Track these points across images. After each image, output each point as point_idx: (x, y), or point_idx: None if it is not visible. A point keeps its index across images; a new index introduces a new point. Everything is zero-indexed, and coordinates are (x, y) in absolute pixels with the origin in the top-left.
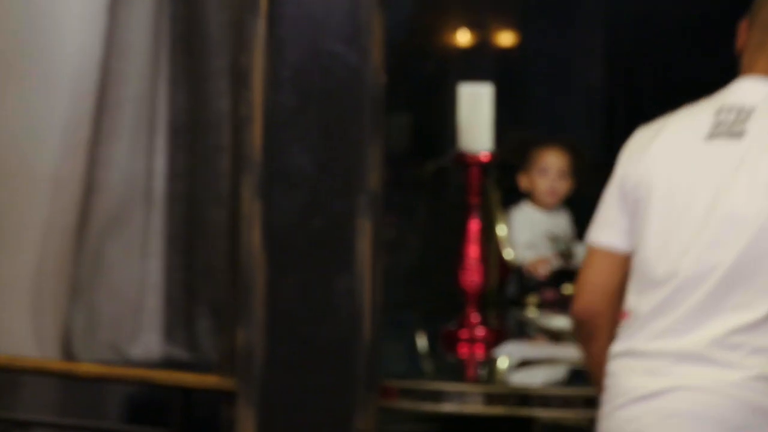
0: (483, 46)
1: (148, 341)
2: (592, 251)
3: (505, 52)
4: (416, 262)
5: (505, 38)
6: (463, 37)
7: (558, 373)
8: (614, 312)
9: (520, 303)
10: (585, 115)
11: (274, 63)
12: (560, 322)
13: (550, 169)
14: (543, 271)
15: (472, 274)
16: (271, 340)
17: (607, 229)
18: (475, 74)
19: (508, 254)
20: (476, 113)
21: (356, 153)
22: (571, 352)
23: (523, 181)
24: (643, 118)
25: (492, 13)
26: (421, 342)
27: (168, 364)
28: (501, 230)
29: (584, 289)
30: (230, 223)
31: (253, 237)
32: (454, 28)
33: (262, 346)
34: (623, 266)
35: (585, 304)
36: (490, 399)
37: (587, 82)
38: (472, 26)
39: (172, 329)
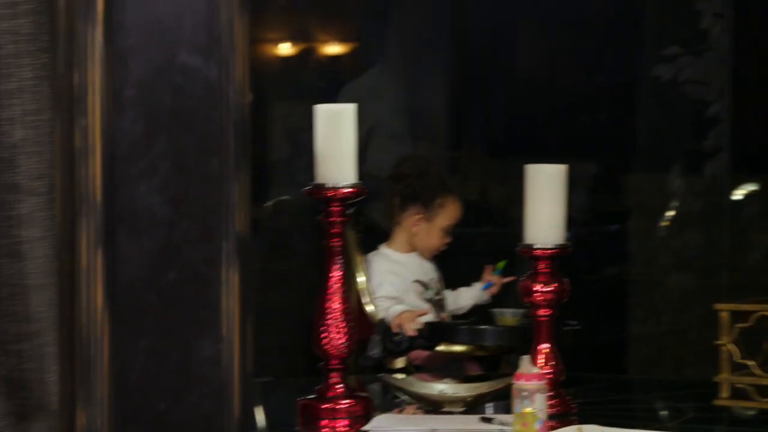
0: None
1: None
2: None
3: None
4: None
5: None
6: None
7: None
8: None
9: (384, 367)
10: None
11: (115, 81)
12: (438, 387)
13: (452, 223)
14: (412, 326)
15: (336, 333)
16: (118, 421)
17: None
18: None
19: (369, 308)
20: (336, 138)
21: (218, 189)
22: (452, 424)
23: (410, 221)
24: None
25: (321, 25)
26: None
27: None
28: (360, 279)
29: None
30: (64, 278)
31: (95, 294)
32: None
33: (108, 429)
34: None
35: None
36: None
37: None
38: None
39: None
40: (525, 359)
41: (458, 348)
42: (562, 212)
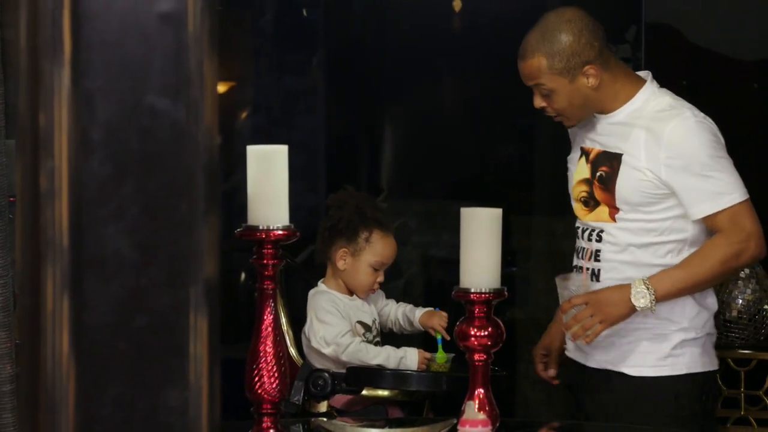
0: None
1: None
2: (750, 204)
3: None
4: None
5: None
6: None
7: None
8: None
9: (305, 411)
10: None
11: (82, 123)
12: None
13: (386, 263)
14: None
15: (268, 377)
16: None
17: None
18: None
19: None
20: (268, 179)
21: (186, 234)
22: None
23: (340, 257)
24: None
25: None
26: None
27: None
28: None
29: (760, 233)
30: (29, 326)
31: (60, 341)
32: None
33: None
34: None
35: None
36: None
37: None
38: None
39: None
40: (470, 405)
41: (382, 392)
42: (497, 256)
